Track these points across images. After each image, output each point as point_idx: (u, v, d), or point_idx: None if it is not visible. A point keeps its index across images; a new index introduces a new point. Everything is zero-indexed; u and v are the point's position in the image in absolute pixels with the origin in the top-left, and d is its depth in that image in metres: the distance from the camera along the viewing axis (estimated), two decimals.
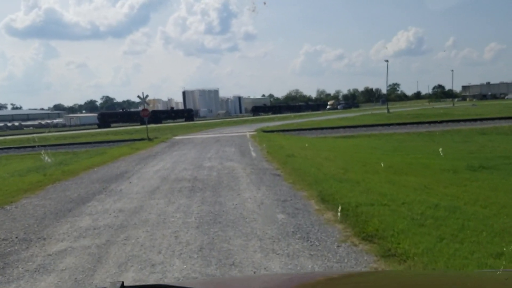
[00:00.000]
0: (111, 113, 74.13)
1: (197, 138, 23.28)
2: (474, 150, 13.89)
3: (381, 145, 16.58)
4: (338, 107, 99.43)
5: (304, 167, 9.91)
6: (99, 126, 63.49)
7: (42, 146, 24.99)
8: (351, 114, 59.32)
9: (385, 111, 59.92)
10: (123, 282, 1.22)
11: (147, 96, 23.80)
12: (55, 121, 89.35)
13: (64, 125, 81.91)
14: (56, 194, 8.64)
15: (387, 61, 59.29)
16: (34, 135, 45.86)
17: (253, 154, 14.19)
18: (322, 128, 27.99)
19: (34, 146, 25.90)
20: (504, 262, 3.70)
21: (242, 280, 1.91)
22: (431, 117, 41.30)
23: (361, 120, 44.85)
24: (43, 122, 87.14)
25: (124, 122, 68.43)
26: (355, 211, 5.54)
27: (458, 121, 28.29)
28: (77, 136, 42.67)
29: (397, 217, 5.15)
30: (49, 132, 52.02)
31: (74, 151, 21.79)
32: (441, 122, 27.63)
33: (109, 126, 62.32)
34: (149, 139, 23.02)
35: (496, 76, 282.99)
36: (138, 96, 23.46)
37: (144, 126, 55.54)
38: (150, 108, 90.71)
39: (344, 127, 28.09)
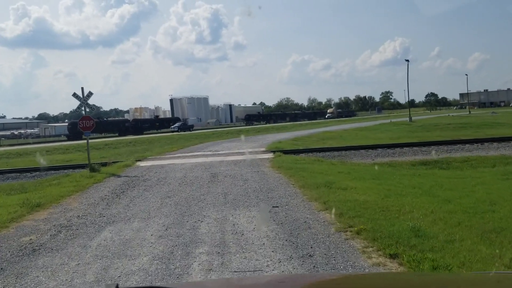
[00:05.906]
0: None
1: (176, 168, 13.06)
2: None
3: None
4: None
5: None
6: (69, 138, 53.42)
7: None
8: (364, 124, 49.88)
9: (403, 119, 50.85)
10: (117, 284, 1.22)
11: (89, 94, 13.44)
12: (29, 131, 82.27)
13: (38, 136, 74.69)
14: None
15: (408, 60, 50.44)
16: None
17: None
18: (373, 147, 18.26)
19: None
20: None
21: (241, 281, 1.89)
22: (483, 128, 32.32)
23: (392, 132, 35.57)
24: (16, 132, 79.33)
25: (99, 132, 58.26)
26: None
27: None
28: (25, 152, 32.68)
29: None
30: None
31: None
32: None
33: (80, 138, 52.11)
34: (92, 170, 12.84)
35: (480, 85, 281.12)
36: (74, 94, 13.16)
37: (124, 138, 45.17)
38: (137, 116, 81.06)
39: (406, 145, 18.49)
